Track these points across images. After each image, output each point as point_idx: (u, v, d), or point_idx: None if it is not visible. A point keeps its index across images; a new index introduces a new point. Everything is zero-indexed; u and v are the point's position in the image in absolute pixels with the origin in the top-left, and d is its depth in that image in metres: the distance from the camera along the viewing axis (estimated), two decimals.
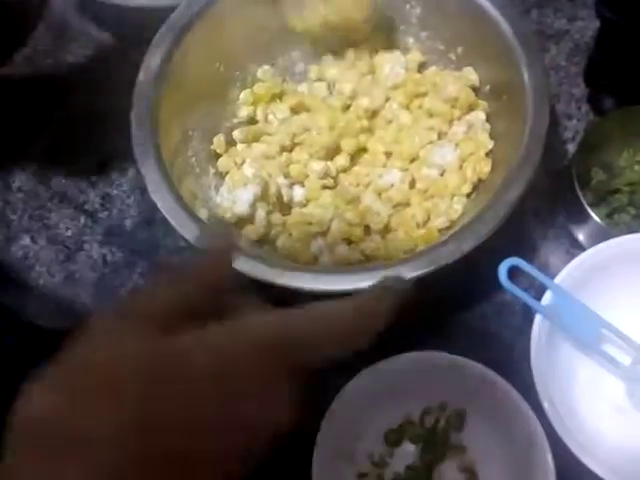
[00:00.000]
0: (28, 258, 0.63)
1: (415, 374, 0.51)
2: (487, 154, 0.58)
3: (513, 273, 0.49)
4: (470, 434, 0.53)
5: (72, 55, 0.71)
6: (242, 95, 0.63)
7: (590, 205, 0.54)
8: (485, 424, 0.52)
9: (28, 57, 0.71)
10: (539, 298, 0.50)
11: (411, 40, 0.64)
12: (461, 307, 0.56)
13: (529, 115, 0.52)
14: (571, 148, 0.62)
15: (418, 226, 0.57)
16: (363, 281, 0.48)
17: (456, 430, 0.53)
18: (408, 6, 0.62)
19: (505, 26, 0.56)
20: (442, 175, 0.58)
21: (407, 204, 0.58)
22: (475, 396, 0.51)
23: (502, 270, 0.49)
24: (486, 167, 0.57)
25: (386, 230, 0.57)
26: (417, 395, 0.53)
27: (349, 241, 0.57)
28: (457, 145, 0.59)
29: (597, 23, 0.58)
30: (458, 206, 0.56)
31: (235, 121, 0.63)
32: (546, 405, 0.48)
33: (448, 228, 0.56)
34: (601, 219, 0.54)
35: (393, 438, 0.53)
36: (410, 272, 0.48)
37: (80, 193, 0.65)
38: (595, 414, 0.52)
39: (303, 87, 0.65)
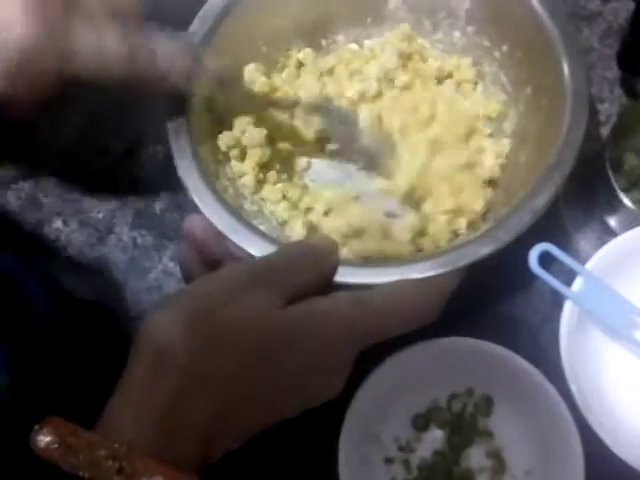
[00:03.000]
0: (60, 240, 0.63)
1: (442, 360, 0.51)
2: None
3: (543, 259, 0.49)
4: (498, 420, 0.53)
5: None
6: (283, 76, 0.63)
7: (622, 190, 0.54)
8: (513, 410, 0.52)
9: None
10: (569, 284, 0.50)
11: (457, 34, 0.62)
12: (490, 292, 0.56)
13: (566, 120, 0.51)
14: (604, 132, 0.61)
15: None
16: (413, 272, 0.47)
17: (484, 416, 0.53)
18: None
19: (552, 29, 0.54)
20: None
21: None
22: (503, 382, 0.51)
23: (533, 256, 0.48)
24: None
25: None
26: (444, 381, 0.53)
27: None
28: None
29: (631, 5, 0.57)
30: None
31: None
32: (575, 391, 0.47)
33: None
34: (634, 204, 0.53)
35: (420, 423, 0.53)
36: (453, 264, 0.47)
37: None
38: (624, 401, 0.52)
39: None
